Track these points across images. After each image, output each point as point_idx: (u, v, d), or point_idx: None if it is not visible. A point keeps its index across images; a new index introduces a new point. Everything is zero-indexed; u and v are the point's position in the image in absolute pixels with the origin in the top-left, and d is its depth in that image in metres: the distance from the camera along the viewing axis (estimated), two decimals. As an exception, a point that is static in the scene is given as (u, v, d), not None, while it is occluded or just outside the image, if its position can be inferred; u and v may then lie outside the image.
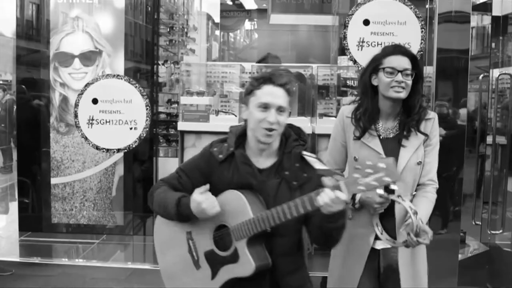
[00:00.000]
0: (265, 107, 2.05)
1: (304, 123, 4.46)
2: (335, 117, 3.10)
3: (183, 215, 2.11)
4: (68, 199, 5.05)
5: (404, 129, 2.39)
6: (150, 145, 5.15)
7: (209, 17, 8.54)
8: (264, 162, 2.14)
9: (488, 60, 4.92)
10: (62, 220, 5.07)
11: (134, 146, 4.29)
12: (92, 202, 5.06)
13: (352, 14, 3.96)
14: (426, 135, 2.41)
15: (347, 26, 3.97)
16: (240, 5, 9.71)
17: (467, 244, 4.80)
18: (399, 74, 2.32)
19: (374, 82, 2.41)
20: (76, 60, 4.88)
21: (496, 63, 5.20)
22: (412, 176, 2.39)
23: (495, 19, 4.98)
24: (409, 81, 2.33)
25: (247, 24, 10.53)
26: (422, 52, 3.97)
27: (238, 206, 2.05)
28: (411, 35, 3.92)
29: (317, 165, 2.06)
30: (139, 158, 5.24)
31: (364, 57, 3.83)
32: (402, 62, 2.33)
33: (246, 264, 2.04)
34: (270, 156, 2.15)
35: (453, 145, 3.90)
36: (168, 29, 5.21)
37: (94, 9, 4.91)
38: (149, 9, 5.25)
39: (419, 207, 2.31)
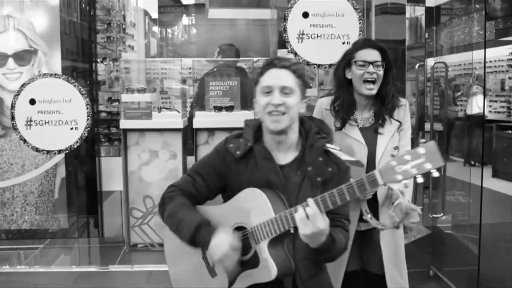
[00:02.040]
0: (268, 90, 1.93)
1: (248, 117, 4.47)
2: None
3: (197, 243, 1.95)
4: (8, 204, 4.89)
5: (379, 118, 2.52)
6: (91, 144, 5.05)
7: (146, 13, 8.41)
8: (284, 157, 1.99)
9: (423, 49, 5.07)
10: (3, 226, 4.91)
11: (75, 146, 4.18)
12: (33, 206, 4.92)
13: (291, 7, 3.98)
14: (399, 121, 2.54)
15: (287, 19, 4.00)
16: (177, 1, 9.62)
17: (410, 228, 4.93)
18: (370, 65, 2.44)
19: (348, 75, 2.53)
20: (10, 60, 4.72)
21: (430, 53, 5.36)
22: None
23: (428, 10, 5.14)
24: (380, 72, 2.46)
25: (185, 20, 10.43)
26: (360, 43, 4.06)
27: (258, 205, 1.88)
28: (349, 26, 3.99)
29: (344, 156, 1.95)
30: (81, 159, 5.13)
31: (304, 49, 3.89)
32: (372, 55, 2.46)
33: (267, 269, 1.86)
34: (289, 151, 2.00)
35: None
36: (106, 26, 5.09)
37: (26, 7, 4.76)
38: (84, 5, 5.13)
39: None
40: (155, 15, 8.94)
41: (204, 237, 1.90)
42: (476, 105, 5.59)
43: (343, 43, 4.00)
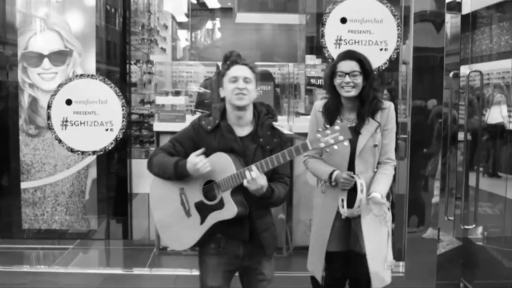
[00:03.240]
0: (235, 80, 2.62)
1: (282, 122, 4.44)
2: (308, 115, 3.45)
3: (179, 174, 2.60)
4: (39, 204, 4.89)
5: (360, 118, 2.92)
6: (123, 146, 5.04)
7: (172, 17, 8.43)
8: (242, 131, 2.67)
9: (457, 57, 4.99)
10: (33, 225, 4.91)
11: (110, 148, 4.17)
12: (64, 206, 4.92)
13: (329, 12, 3.96)
14: (378, 122, 2.91)
15: (324, 24, 3.97)
16: (204, 4, 9.63)
17: (440, 240, 4.86)
18: (347, 75, 2.86)
19: (334, 82, 2.94)
20: (46, 60, 4.73)
21: (464, 60, 5.28)
22: (372, 156, 2.91)
23: (464, 17, 5.06)
24: (357, 80, 2.86)
25: (211, 23, 10.44)
26: (398, 50, 4.01)
27: (225, 164, 2.55)
28: (387, 33, 3.96)
29: (285, 131, 2.75)
30: (112, 160, 5.13)
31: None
32: (350, 65, 2.87)
33: (230, 209, 2.57)
34: (246, 126, 2.68)
35: (428, 143, 4.02)
36: (140, 28, 5.09)
37: (63, 8, 4.77)
38: (120, 7, 5.13)
39: (379, 182, 2.87)
40: (181, 18, 8.96)
41: (182, 167, 2.58)
42: (500, 114, 5.49)
43: (381, 49, 3.97)
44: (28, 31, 4.74)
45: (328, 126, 2.53)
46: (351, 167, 2.90)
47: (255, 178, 2.47)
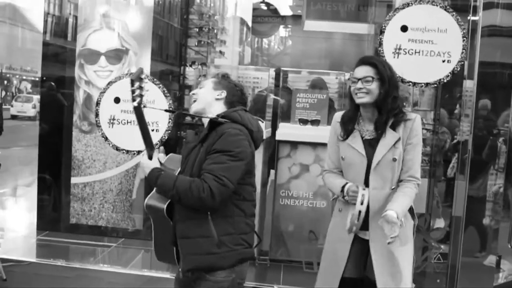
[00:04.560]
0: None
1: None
2: None
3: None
4: (88, 200, 4.95)
5: (378, 129, 2.66)
6: (173, 148, 5.01)
7: (243, 22, 8.41)
8: None
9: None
10: (81, 220, 4.98)
11: (156, 148, 4.13)
12: (111, 204, 4.96)
13: (389, 19, 3.72)
14: (398, 134, 2.63)
15: (383, 32, 3.75)
16: (275, 11, 9.57)
17: (501, 269, 4.55)
18: (359, 81, 2.60)
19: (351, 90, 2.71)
20: (102, 58, 4.80)
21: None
22: (390, 172, 2.63)
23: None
24: (370, 86, 2.59)
25: (282, 31, 10.38)
26: (462, 63, 3.73)
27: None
28: (451, 43, 3.67)
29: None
30: (161, 162, 5.11)
31: (400, 65, 3.60)
32: (363, 71, 2.62)
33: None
34: None
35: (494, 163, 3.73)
36: (198, 30, 5.05)
37: (123, 7, 4.82)
38: (179, 9, 5.13)
39: (396, 200, 2.55)
40: (250, 23, 8.94)
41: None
42: None
43: (443, 61, 3.69)
44: (87, 29, 4.83)
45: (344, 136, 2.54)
46: (366, 182, 2.66)
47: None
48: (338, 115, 2.81)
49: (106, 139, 4.15)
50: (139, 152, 4.21)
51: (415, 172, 2.68)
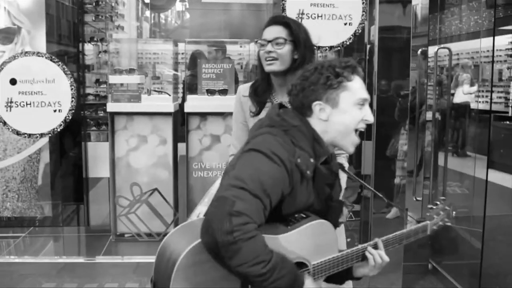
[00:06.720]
0: (363, 103, 1.70)
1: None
2: None
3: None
4: (-11, 191, 4.68)
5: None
6: (78, 129, 4.82)
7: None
8: None
9: (426, 38, 4.90)
10: (-17, 213, 4.70)
11: (59, 130, 3.95)
12: (16, 192, 4.72)
13: (291, -14, 3.77)
14: None
15: (285, -3, 3.79)
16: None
17: (409, 221, 4.81)
18: (269, 44, 2.26)
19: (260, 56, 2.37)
20: (-9, 38, 4.49)
21: (432, 41, 5.19)
22: None
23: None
24: (281, 50, 2.25)
25: (179, 4, 10.21)
26: (363, 25, 3.87)
27: (327, 241, 1.67)
28: (352, 7, 3.79)
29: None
30: (66, 144, 4.91)
31: (304, 30, 3.68)
32: (273, 32, 2.27)
33: None
34: None
35: (395, 123, 3.89)
36: (93, 4, 4.83)
37: (9, -18, 4.52)
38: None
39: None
40: (147, -1, 8.70)
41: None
42: (462, 93, 5.46)
43: (345, 24, 3.80)
44: (-29, 7, 4.49)
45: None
46: None
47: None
48: (243, 88, 2.48)
49: (5, 123, 3.92)
50: (41, 135, 4.01)
51: None
